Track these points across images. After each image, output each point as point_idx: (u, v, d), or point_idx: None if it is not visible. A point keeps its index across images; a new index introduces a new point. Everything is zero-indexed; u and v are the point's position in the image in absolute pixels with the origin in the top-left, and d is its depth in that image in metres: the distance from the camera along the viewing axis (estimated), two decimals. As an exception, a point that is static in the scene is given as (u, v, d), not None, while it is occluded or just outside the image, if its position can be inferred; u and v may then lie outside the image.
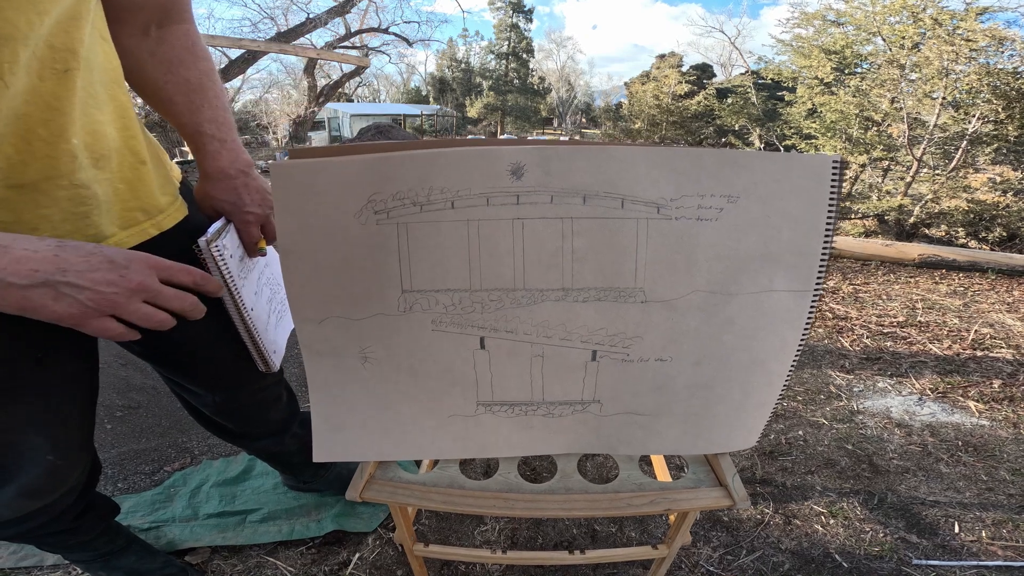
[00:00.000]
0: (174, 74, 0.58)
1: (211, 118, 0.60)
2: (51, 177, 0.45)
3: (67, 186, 0.46)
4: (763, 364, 0.57)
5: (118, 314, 0.43)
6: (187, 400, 0.80)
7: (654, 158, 0.49)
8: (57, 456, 0.59)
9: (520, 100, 25.72)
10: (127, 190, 0.53)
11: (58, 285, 0.39)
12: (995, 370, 1.72)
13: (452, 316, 0.54)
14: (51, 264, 0.39)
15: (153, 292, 0.45)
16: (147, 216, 0.56)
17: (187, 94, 0.59)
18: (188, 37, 0.59)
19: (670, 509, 0.60)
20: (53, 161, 0.44)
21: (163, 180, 0.59)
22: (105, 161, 0.49)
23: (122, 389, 1.50)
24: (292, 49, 7.20)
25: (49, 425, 0.57)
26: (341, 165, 0.47)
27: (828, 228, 0.51)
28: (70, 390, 0.58)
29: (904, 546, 1.01)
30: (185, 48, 0.59)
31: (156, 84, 0.58)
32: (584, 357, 0.57)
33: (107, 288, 0.41)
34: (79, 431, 0.62)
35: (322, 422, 0.60)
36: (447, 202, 0.49)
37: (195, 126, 0.60)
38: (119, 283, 0.42)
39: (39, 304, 0.39)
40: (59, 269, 0.39)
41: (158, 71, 0.58)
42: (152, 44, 0.57)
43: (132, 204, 0.54)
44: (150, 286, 0.44)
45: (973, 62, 3.22)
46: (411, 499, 0.61)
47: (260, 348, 0.69)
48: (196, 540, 0.99)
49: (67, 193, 0.46)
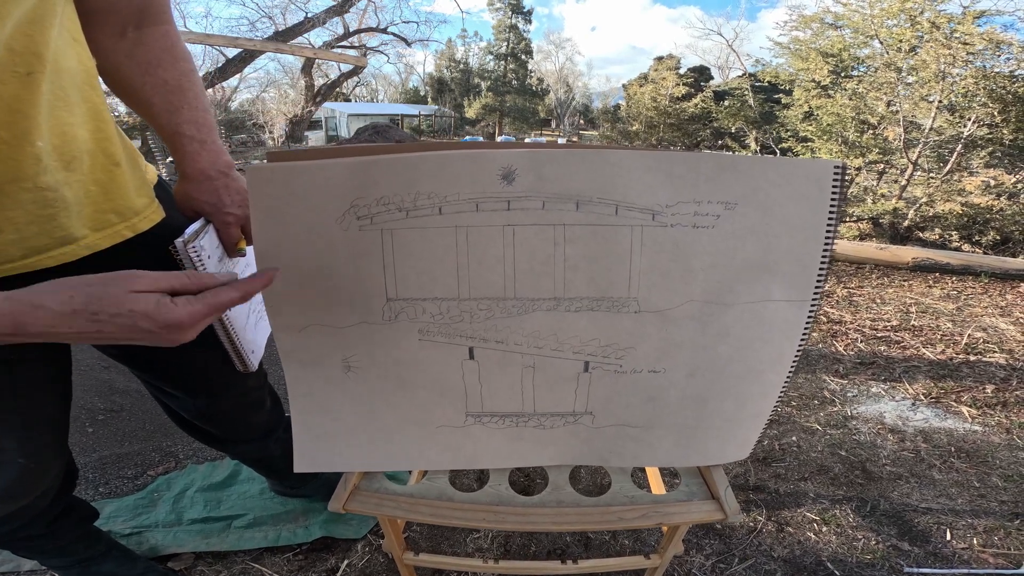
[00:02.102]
0: (152, 75, 0.57)
1: (190, 119, 0.59)
2: (14, 179, 0.44)
3: (31, 188, 0.45)
4: (759, 375, 0.56)
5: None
6: (168, 405, 0.78)
7: (650, 162, 0.47)
8: (29, 460, 0.58)
9: (518, 101, 25.67)
10: (99, 192, 0.52)
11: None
12: (988, 375, 1.72)
13: (440, 325, 0.52)
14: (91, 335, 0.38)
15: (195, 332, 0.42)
16: (121, 218, 0.55)
17: (165, 95, 0.58)
18: (167, 38, 0.58)
19: (662, 523, 0.59)
20: (16, 164, 0.43)
21: (139, 182, 0.58)
22: (76, 163, 0.49)
23: (104, 392, 1.47)
24: (290, 48, 7.12)
25: (19, 428, 0.56)
26: (322, 168, 0.45)
27: (828, 236, 0.49)
28: (41, 394, 0.57)
29: (896, 553, 1.00)
30: (163, 49, 0.58)
31: (134, 86, 0.57)
32: (576, 368, 0.55)
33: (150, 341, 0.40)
34: (51, 435, 0.61)
35: (304, 431, 0.58)
36: (434, 208, 0.47)
37: (174, 127, 0.59)
38: (173, 340, 0.40)
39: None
40: (119, 340, 0.39)
41: (135, 72, 0.57)
42: (129, 45, 0.56)
43: (105, 206, 0.53)
44: (202, 327, 0.42)
45: (970, 66, 3.24)
46: (398, 511, 0.60)
47: (238, 348, 0.67)
48: (179, 546, 0.97)
49: (31, 196, 0.45)
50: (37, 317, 0.35)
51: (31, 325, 0.35)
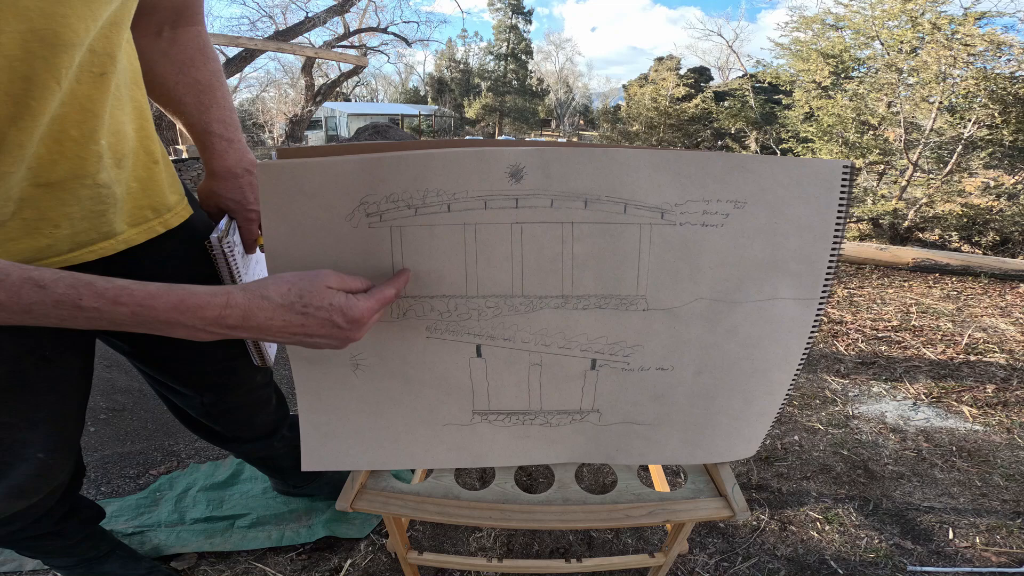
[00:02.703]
0: (185, 75, 0.59)
1: (219, 118, 0.62)
2: (77, 176, 0.46)
3: (91, 185, 0.47)
4: (766, 373, 0.56)
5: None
6: (173, 402, 0.78)
7: (658, 162, 0.47)
8: (48, 455, 0.58)
9: (518, 101, 25.67)
10: (139, 189, 0.54)
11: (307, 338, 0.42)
12: (988, 375, 1.72)
13: (447, 323, 0.52)
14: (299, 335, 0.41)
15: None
16: (156, 214, 0.57)
17: (197, 94, 0.60)
18: (200, 38, 0.61)
19: (669, 520, 0.59)
20: (81, 161, 0.45)
21: (172, 179, 0.60)
22: (125, 160, 0.51)
23: (107, 391, 1.47)
24: (290, 48, 7.10)
25: (48, 422, 0.57)
26: (332, 165, 0.45)
27: (836, 235, 0.49)
28: (72, 388, 0.59)
29: (899, 552, 1.00)
30: (197, 49, 0.60)
31: (167, 84, 0.59)
32: (583, 366, 0.55)
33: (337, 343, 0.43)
34: (72, 430, 0.62)
35: (311, 430, 0.58)
36: (443, 205, 0.47)
37: (204, 125, 0.61)
38: (346, 340, 0.43)
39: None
40: (309, 335, 0.41)
41: (170, 71, 0.59)
42: (164, 45, 0.58)
43: (143, 202, 0.55)
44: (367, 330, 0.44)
45: (970, 67, 3.24)
46: (404, 510, 0.59)
47: (258, 343, 0.68)
48: (182, 545, 0.97)
49: (90, 192, 0.47)
50: (263, 308, 0.37)
51: (255, 317, 0.37)
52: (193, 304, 0.36)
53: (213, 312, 0.36)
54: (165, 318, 0.36)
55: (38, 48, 0.38)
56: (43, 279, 0.33)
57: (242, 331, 0.38)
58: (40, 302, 0.33)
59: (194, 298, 0.36)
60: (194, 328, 0.37)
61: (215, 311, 0.36)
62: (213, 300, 0.36)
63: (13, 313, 0.33)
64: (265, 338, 0.40)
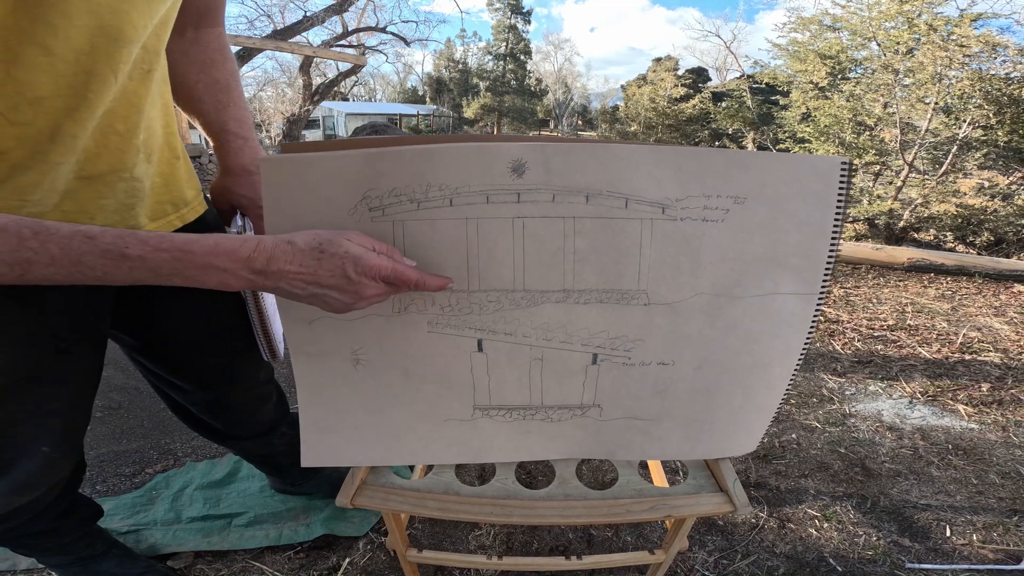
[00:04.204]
0: (206, 74, 0.61)
1: (236, 117, 0.63)
2: (116, 170, 0.47)
3: (128, 179, 0.48)
4: (766, 368, 0.56)
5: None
6: (173, 398, 0.78)
7: (659, 157, 0.47)
8: (52, 449, 0.58)
9: (517, 101, 25.69)
10: (162, 184, 0.55)
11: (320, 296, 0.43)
12: (983, 374, 1.74)
13: (449, 317, 0.52)
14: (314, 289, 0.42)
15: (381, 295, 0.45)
16: (175, 209, 0.58)
17: (215, 94, 0.62)
18: (220, 39, 0.62)
19: (670, 516, 0.59)
20: (122, 155, 0.47)
21: (189, 175, 0.61)
22: (154, 156, 0.52)
23: (103, 389, 1.43)
24: (288, 46, 7.08)
25: (57, 416, 0.56)
26: (335, 159, 0.45)
27: (835, 231, 0.49)
28: (85, 382, 0.59)
29: (897, 550, 1.01)
30: (217, 50, 0.62)
31: (187, 83, 0.61)
32: (585, 360, 0.55)
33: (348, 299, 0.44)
34: (81, 424, 0.62)
35: (311, 425, 0.58)
36: (445, 199, 0.47)
37: (221, 124, 0.63)
38: (356, 295, 0.44)
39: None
40: (320, 286, 0.42)
41: (191, 71, 0.60)
42: (186, 44, 0.60)
43: (164, 197, 0.56)
44: (380, 294, 0.45)
45: (966, 68, 3.27)
46: (405, 506, 0.59)
47: (270, 335, 0.68)
48: (179, 544, 0.96)
49: (126, 185, 0.49)
50: (285, 251, 0.39)
51: (276, 260, 0.39)
52: (228, 247, 0.38)
53: (245, 252, 0.38)
54: (203, 262, 0.38)
55: (103, 43, 0.40)
56: (91, 231, 0.36)
57: (263, 278, 0.40)
58: (89, 252, 0.35)
59: (228, 242, 0.39)
60: (226, 271, 0.38)
61: (246, 252, 0.39)
62: (245, 243, 0.39)
63: (62, 267, 0.35)
64: (279, 289, 0.41)
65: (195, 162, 5.27)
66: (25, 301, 0.47)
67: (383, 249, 0.44)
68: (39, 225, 0.34)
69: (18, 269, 0.34)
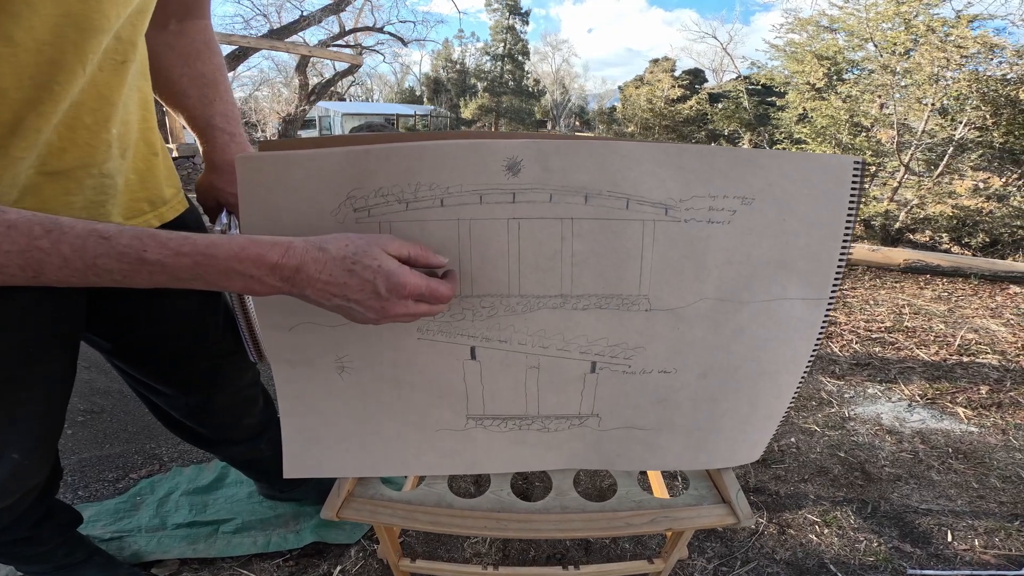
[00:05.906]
0: (190, 67, 0.59)
1: (222, 112, 0.61)
2: (85, 165, 0.45)
3: (96, 175, 0.46)
4: (773, 375, 0.54)
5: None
6: (155, 403, 0.75)
7: (662, 155, 0.45)
8: (23, 455, 0.56)
9: (515, 102, 25.66)
10: (137, 181, 0.53)
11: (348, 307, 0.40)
12: (982, 376, 1.73)
13: (440, 324, 0.49)
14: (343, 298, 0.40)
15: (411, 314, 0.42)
16: (152, 207, 0.55)
17: (201, 88, 0.60)
18: (206, 32, 0.60)
19: (672, 528, 0.57)
20: (91, 150, 0.44)
21: (169, 172, 0.59)
22: (128, 151, 0.50)
23: (85, 393, 1.42)
24: (284, 46, 7.02)
25: (28, 421, 0.54)
26: (317, 158, 0.42)
27: (847, 233, 0.47)
28: (55, 388, 0.57)
29: (898, 555, 0.99)
30: (203, 43, 0.60)
31: (171, 77, 0.59)
32: (583, 368, 0.53)
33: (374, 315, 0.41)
34: (51, 431, 0.60)
35: (294, 435, 0.55)
36: (436, 199, 0.44)
37: (206, 119, 0.61)
38: (382, 313, 0.41)
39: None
40: (348, 299, 0.40)
41: (175, 64, 0.58)
42: (170, 37, 0.58)
43: (140, 195, 0.54)
44: (408, 313, 0.42)
45: (963, 69, 3.27)
46: (394, 519, 0.57)
47: (256, 336, 0.65)
48: (164, 552, 0.93)
49: (94, 182, 0.46)
50: (317, 259, 0.37)
51: (306, 268, 0.37)
52: (255, 253, 0.35)
53: (273, 258, 0.36)
54: (225, 267, 0.35)
55: (70, 32, 0.38)
56: (107, 231, 0.33)
57: (289, 285, 0.37)
58: (105, 254, 0.33)
59: (255, 246, 0.36)
60: (252, 277, 0.36)
61: (275, 257, 0.36)
62: (274, 248, 0.36)
63: (76, 270, 0.33)
64: (304, 297, 0.39)
65: (189, 162, 5.21)
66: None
67: (416, 251, 0.41)
68: (52, 222, 0.32)
69: (30, 271, 0.32)
